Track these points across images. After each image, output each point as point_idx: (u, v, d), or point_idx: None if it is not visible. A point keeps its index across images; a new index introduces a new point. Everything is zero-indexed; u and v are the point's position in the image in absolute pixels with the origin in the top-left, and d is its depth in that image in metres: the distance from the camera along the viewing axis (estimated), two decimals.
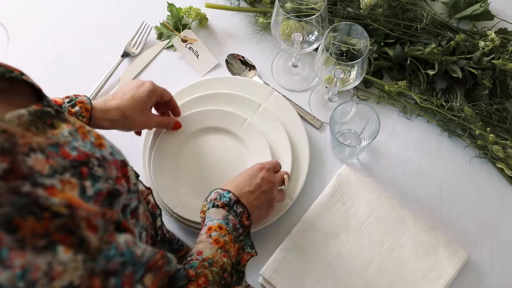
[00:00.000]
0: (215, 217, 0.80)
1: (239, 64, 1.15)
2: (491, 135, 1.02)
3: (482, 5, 1.13)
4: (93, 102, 0.88)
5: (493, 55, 1.06)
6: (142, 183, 0.81)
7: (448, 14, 1.15)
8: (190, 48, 1.16)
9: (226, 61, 1.15)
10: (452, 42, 1.06)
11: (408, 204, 1.03)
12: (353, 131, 1.07)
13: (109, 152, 0.59)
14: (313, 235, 0.99)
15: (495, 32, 1.09)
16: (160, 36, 1.18)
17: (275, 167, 0.94)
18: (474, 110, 1.06)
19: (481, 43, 1.08)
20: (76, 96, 0.86)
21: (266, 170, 0.91)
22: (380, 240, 0.99)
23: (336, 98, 1.11)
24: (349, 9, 1.14)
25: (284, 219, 1.01)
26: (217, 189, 0.86)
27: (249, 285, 0.90)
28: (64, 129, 0.55)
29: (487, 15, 1.13)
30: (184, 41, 1.16)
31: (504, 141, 1.02)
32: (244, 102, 1.07)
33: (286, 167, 1.02)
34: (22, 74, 0.59)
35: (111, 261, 0.48)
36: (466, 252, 0.98)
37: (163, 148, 1.03)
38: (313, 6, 1.05)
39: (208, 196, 0.86)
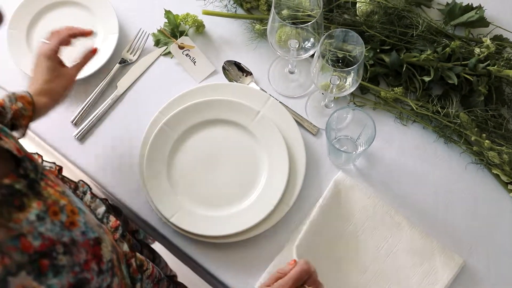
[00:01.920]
0: None
1: (236, 70, 1.15)
2: (486, 141, 1.03)
3: (478, 12, 1.13)
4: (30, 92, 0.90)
5: (488, 62, 1.07)
6: (128, 244, 0.79)
7: (444, 21, 1.16)
8: (187, 54, 1.16)
9: (223, 67, 1.16)
10: (447, 48, 1.07)
11: (404, 209, 1.03)
12: (349, 137, 1.08)
13: (81, 231, 0.55)
14: (311, 241, 0.99)
15: (490, 39, 1.10)
16: (157, 43, 1.18)
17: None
18: (470, 116, 1.06)
19: (477, 50, 1.08)
20: (13, 93, 0.88)
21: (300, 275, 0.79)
22: (376, 246, 0.99)
23: (332, 105, 1.12)
24: (345, 16, 1.15)
25: (280, 225, 1.02)
26: None
27: None
28: (32, 212, 0.51)
29: (482, 22, 1.14)
30: (181, 48, 1.16)
31: (499, 147, 1.03)
32: (242, 109, 1.07)
33: (283, 173, 1.02)
34: None
35: None
36: (461, 258, 0.99)
37: (157, 148, 1.03)
38: (309, 13, 1.05)
39: None
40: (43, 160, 0.92)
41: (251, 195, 1.03)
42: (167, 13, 1.17)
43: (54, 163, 0.92)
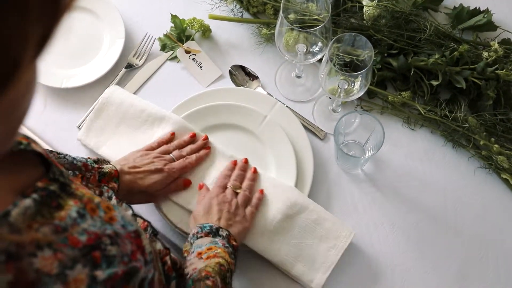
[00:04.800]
0: (202, 243, 0.84)
1: (242, 75, 1.15)
2: (495, 145, 1.02)
3: (485, 16, 1.13)
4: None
5: (496, 66, 1.06)
6: (160, 242, 0.80)
7: (451, 25, 1.15)
8: (193, 59, 1.16)
9: (230, 72, 1.15)
10: (455, 52, 1.07)
11: (413, 214, 1.03)
12: (357, 141, 1.07)
13: (121, 224, 0.56)
14: None
15: (498, 43, 1.09)
16: (163, 48, 1.18)
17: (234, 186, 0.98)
18: (478, 120, 1.05)
19: (485, 54, 1.08)
20: (107, 177, 0.90)
21: (217, 196, 0.96)
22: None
23: (340, 109, 1.11)
24: (352, 20, 1.14)
25: None
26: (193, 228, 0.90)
27: None
28: (72, 209, 0.52)
29: (490, 25, 1.13)
30: (187, 52, 1.16)
31: (508, 152, 1.02)
32: (249, 114, 1.07)
33: (291, 177, 1.02)
34: (29, 143, 0.57)
35: None
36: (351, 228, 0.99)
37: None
38: (317, 17, 1.05)
39: (188, 237, 0.90)
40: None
41: None
42: (174, 17, 1.16)
43: (73, 171, 0.92)
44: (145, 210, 1.03)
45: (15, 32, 0.33)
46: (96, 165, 0.89)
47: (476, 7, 1.14)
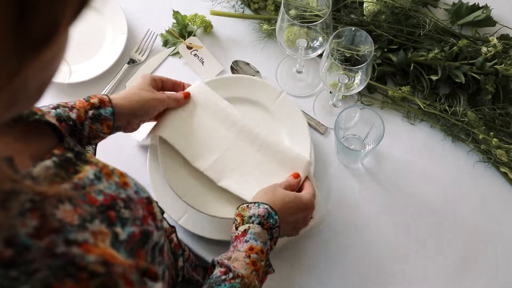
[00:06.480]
0: (259, 238, 0.79)
1: (244, 70, 1.16)
2: (494, 139, 1.03)
3: (484, 11, 1.14)
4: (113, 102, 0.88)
5: (495, 61, 1.07)
6: (166, 221, 0.80)
7: (451, 21, 1.17)
8: (195, 55, 1.17)
9: (231, 67, 1.16)
10: (455, 47, 1.08)
11: (413, 208, 1.04)
12: (357, 136, 1.08)
13: (134, 190, 0.58)
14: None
15: (497, 38, 1.11)
16: (165, 43, 1.19)
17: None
18: (478, 115, 1.07)
19: (484, 49, 1.09)
20: (99, 112, 0.85)
21: (310, 210, 0.89)
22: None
23: (340, 104, 1.12)
24: (353, 16, 1.15)
25: None
26: (264, 203, 0.83)
27: None
28: (89, 172, 0.55)
29: (489, 21, 1.14)
30: (189, 48, 1.17)
31: (507, 146, 1.03)
32: (265, 88, 1.04)
33: (305, 152, 0.99)
34: (43, 115, 0.60)
35: None
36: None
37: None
38: (317, 12, 1.06)
39: (252, 204, 0.83)
40: None
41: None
42: (175, 13, 1.17)
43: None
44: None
45: None
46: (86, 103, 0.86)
47: (475, 3, 1.15)
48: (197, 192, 0.97)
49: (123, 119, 0.89)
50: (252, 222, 0.80)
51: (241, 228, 0.80)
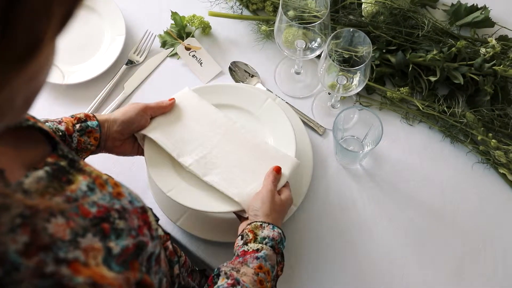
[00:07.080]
0: (269, 259, 0.80)
1: (242, 71, 1.16)
2: (493, 140, 1.03)
3: (483, 12, 1.14)
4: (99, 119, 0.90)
5: (494, 62, 1.07)
6: (161, 228, 0.81)
7: (449, 22, 1.16)
8: (193, 56, 1.17)
9: (230, 68, 1.16)
10: (453, 48, 1.08)
11: (411, 209, 1.04)
12: (355, 137, 1.08)
13: (128, 200, 0.58)
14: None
15: (495, 39, 1.10)
16: (164, 44, 1.19)
17: None
18: (476, 116, 1.06)
19: (482, 50, 1.09)
20: (86, 124, 0.88)
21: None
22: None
23: (338, 105, 1.12)
24: (351, 17, 1.15)
25: (288, 225, 1.02)
26: (277, 226, 0.85)
27: None
28: (82, 183, 0.54)
29: (487, 22, 1.14)
30: (187, 49, 1.17)
31: (506, 147, 1.03)
32: (251, 95, 1.05)
33: (290, 153, 0.99)
34: (36, 122, 0.59)
35: None
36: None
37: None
38: (316, 13, 1.06)
39: (266, 225, 0.84)
40: None
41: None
42: (174, 14, 1.17)
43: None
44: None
45: (43, 10, 0.36)
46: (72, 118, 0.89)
47: (473, 4, 1.15)
48: (183, 188, 0.96)
49: (111, 129, 0.91)
50: (266, 244, 0.82)
51: (253, 246, 0.81)
